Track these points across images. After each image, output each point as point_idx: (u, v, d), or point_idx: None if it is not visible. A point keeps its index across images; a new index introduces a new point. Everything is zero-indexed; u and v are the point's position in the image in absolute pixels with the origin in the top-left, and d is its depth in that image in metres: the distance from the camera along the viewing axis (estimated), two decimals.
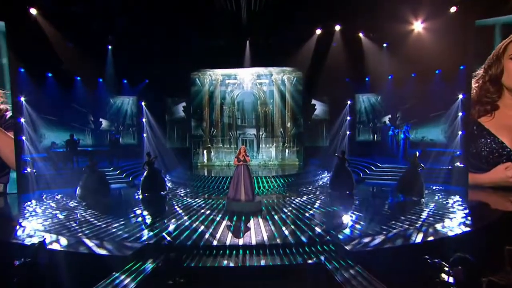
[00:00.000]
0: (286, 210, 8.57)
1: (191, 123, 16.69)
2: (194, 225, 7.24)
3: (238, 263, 5.51)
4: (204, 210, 8.68)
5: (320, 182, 13.19)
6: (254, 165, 15.57)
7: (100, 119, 15.87)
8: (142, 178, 10.77)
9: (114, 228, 7.00)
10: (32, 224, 7.28)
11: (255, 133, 16.85)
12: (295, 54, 14.72)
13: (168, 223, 7.46)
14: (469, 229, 6.64)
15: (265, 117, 16.76)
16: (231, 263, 5.51)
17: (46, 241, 5.55)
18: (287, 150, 16.71)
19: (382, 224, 7.03)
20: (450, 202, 9.05)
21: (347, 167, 10.76)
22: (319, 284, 5.15)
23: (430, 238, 6.19)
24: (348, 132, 16.91)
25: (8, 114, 11.27)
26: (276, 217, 7.92)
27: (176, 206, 9.28)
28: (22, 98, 11.98)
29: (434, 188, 10.91)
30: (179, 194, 11.13)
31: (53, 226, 7.10)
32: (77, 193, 9.92)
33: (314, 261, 5.52)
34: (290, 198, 10.14)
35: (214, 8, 12.59)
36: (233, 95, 16.63)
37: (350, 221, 7.64)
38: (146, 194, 10.50)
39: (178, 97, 16.81)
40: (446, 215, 7.62)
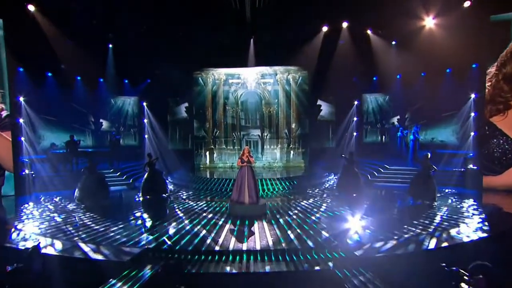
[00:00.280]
0: (292, 214, 8.42)
1: (194, 124, 16.54)
2: (195, 229, 7.11)
3: (242, 269, 5.38)
4: (206, 213, 8.54)
5: (326, 185, 12.99)
6: (258, 167, 15.41)
7: (100, 120, 15.79)
8: (142, 180, 10.63)
9: (112, 232, 6.87)
10: (27, 227, 7.17)
11: (259, 134, 16.66)
12: (301, 52, 14.51)
13: (168, 227, 7.34)
14: (486, 235, 6.42)
15: (269, 117, 16.58)
16: (235, 269, 5.37)
17: (41, 245, 5.41)
18: (292, 152, 16.50)
19: (393, 228, 6.85)
20: (464, 206, 8.84)
21: (355, 169, 10.54)
22: None
23: (444, 244, 5.99)
24: (355, 133, 16.75)
25: (3, 113, 11.18)
26: (281, 220, 7.77)
27: (177, 209, 9.15)
28: (21, 98, 11.94)
29: (446, 191, 10.70)
30: (181, 196, 11.01)
31: (49, 230, 6.99)
32: (75, 195, 9.83)
33: (322, 267, 5.35)
34: (295, 201, 9.99)
35: (217, 5, 12.48)
36: (236, 95, 16.47)
37: (360, 225, 7.46)
38: (147, 197, 10.36)
39: (180, 97, 16.67)
40: (460, 220, 7.42)
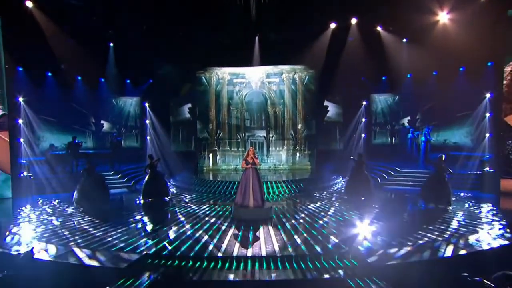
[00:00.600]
0: (299, 218, 8.23)
1: (197, 125, 16.36)
2: (197, 233, 6.95)
3: (246, 277, 5.26)
4: (209, 217, 8.36)
5: (334, 188, 12.74)
6: (264, 169, 15.18)
7: (101, 121, 15.76)
8: (143, 182, 10.45)
9: (110, 236, 6.70)
10: (23, 231, 7.05)
11: (265, 135, 16.43)
12: (307, 51, 14.27)
13: (169, 231, 7.19)
14: (507, 242, 6.11)
15: (275, 118, 16.34)
16: (239, 277, 5.21)
17: (35, 250, 5.22)
18: (298, 154, 16.22)
19: (407, 234, 6.63)
20: (482, 210, 8.60)
21: (365, 171, 10.27)
22: None
23: (462, 252, 5.75)
24: (363, 134, 16.56)
25: None
26: (287, 225, 7.57)
27: (179, 213, 8.99)
28: (20, 99, 11.88)
29: (461, 195, 10.45)
30: (183, 199, 10.85)
31: (45, 234, 6.85)
32: (73, 197, 9.67)
33: (332, 275, 5.17)
34: (302, 205, 9.79)
35: (221, 2, 12.34)
36: (241, 95, 16.27)
37: (370, 230, 7.22)
38: (148, 200, 10.18)
39: (183, 97, 16.50)
40: (479, 225, 7.17)
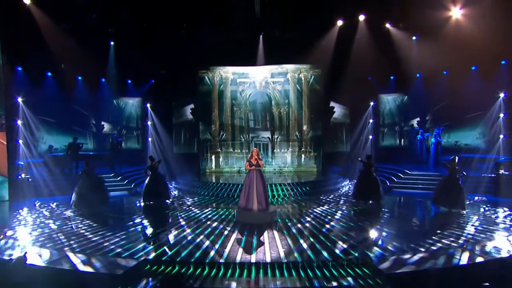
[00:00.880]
0: (305, 222, 8.09)
1: (199, 126, 16.23)
2: (199, 238, 6.82)
3: (250, 285, 5.09)
4: (211, 221, 8.22)
5: (341, 191, 12.56)
6: (268, 171, 15.02)
7: (102, 122, 15.72)
8: (144, 185, 10.30)
9: (107, 241, 6.55)
10: (18, 234, 6.94)
11: (269, 136, 16.25)
12: (313, 49, 14.13)
13: (169, 236, 7.08)
14: None
15: (279, 119, 16.16)
16: (242, 285, 5.08)
17: (28, 255, 5.08)
18: (304, 155, 16.03)
19: (419, 239, 6.43)
20: (499, 215, 8.36)
21: (374, 174, 10.04)
22: None
23: (479, 259, 5.48)
24: (371, 136, 16.41)
25: None
26: (293, 229, 7.42)
27: (180, 216, 8.86)
28: (19, 99, 11.82)
29: (475, 198, 10.27)
30: (185, 202, 10.74)
31: (41, 238, 6.72)
32: (72, 199, 9.55)
33: (340, 283, 5.00)
34: (308, 208, 9.65)
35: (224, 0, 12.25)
36: (245, 95, 16.12)
37: (380, 235, 7.00)
38: (149, 202, 10.04)
39: (185, 97, 16.39)
40: (496, 231, 6.92)
